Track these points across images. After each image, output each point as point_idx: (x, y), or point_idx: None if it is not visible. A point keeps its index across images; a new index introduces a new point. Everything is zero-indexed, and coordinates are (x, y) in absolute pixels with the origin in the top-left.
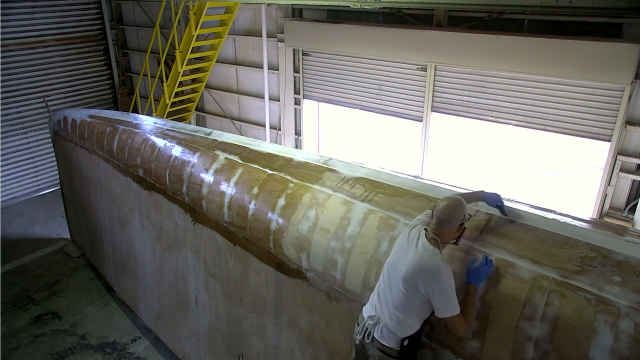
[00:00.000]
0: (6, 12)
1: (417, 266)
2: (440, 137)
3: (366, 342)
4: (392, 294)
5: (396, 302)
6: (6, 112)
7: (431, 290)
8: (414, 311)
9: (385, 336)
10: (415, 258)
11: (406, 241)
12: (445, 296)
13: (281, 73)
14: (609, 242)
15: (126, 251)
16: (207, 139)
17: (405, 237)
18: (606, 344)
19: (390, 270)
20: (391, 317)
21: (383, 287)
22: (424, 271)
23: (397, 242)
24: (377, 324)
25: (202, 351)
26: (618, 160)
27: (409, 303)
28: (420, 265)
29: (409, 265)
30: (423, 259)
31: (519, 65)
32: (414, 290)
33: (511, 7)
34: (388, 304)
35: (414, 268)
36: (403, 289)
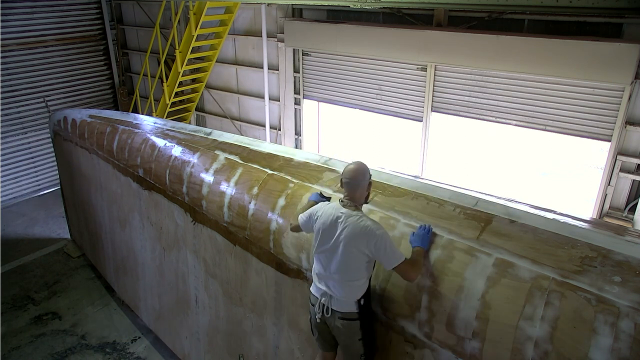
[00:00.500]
0: (6, 12)
1: (353, 232)
2: (440, 137)
3: (327, 318)
4: (335, 266)
5: (343, 271)
6: (6, 112)
7: (374, 248)
8: (361, 273)
9: (343, 305)
10: (348, 227)
11: (329, 218)
12: (387, 249)
13: (281, 73)
14: (609, 242)
15: (126, 251)
16: (207, 139)
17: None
18: (606, 344)
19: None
20: (342, 287)
21: (323, 263)
22: (361, 234)
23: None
24: (331, 299)
25: (202, 351)
26: (618, 160)
27: (355, 268)
28: (356, 231)
29: (345, 235)
30: (355, 224)
31: (519, 65)
32: (358, 254)
33: (511, 7)
34: (334, 276)
35: (351, 235)
36: (346, 258)
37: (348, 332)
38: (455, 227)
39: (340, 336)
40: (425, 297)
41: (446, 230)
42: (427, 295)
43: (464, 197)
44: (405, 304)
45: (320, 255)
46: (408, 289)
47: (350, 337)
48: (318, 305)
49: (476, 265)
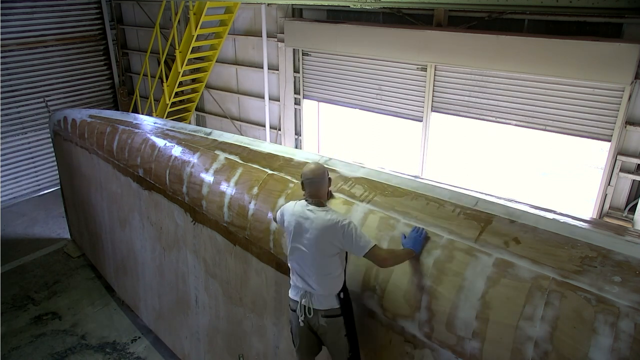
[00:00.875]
0: (6, 12)
1: (323, 228)
2: (440, 137)
3: (310, 319)
4: (310, 264)
5: (319, 267)
6: (6, 112)
7: (344, 240)
8: (336, 266)
9: (324, 301)
10: (316, 223)
11: (296, 218)
12: (355, 237)
13: (281, 73)
14: (609, 242)
15: (126, 251)
16: (207, 139)
17: (293, 216)
18: (606, 344)
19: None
20: (320, 283)
21: (299, 268)
22: (330, 228)
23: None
24: (311, 298)
25: (202, 351)
26: (618, 160)
27: (330, 261)
28: (325, 225)
29: (315, 231)
30: (323, 219)
31: (519, 65)
32: (330, 248)
33: (511, 7)
34: (310, 275)
35: (321, 230)
36: (320, 254)
37: (333, 329)
38: (455, 227)
39: (326, 334)
40: (425, 297)
41: (446, 230)
42: (427, 295)
43: (464, 197)
44: (405, 304)
45: (295, 254)
46: (408, 289)
47: (336, 334)
48: (299, 308)
49: (476, 265)
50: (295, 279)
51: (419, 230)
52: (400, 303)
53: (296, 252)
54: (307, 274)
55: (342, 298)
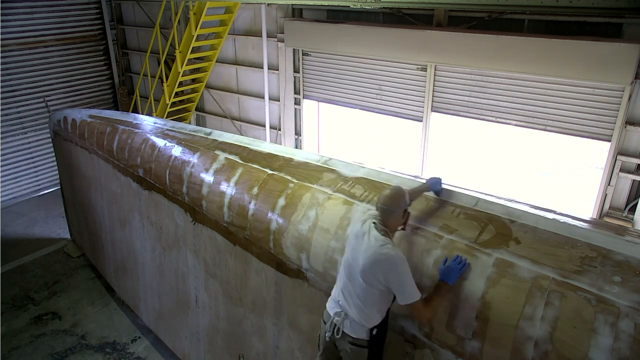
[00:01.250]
0: (6, 12)
1: (372, 258)
2: (440, 137)
3: (336, 338)
4: (354, 288)
5: (359, 295)
6: (6, 112)
7: (389, 279)
8: (376, 301)
9: (355, 329)
10: (369, 250)
11: (360, 236)
12: (403, 284)
13: (281, 73)
14: (609, 242)
15: (126, 251)
16: (207, 139)
17: (357, 232)
18: (606, 344)
19: (348, 265)
20: (357, 309)
21: (344, 282)
22: (379, 262)
23: (350, 238)
24: (344, 319)
25: (202, 351)
26: (618, 160)
27: (371, 294)
28: (375, 257)
29: (364, 258)
30: (377, 250)
31: (519, 65)
32: (373, 281)
33: (511, 7)
34: (352, 297)
35: (369, 260)
36: (363, 281)
37: (355, 358)
38: (455, 227)
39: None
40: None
41: (446, 230)
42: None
43: (464, 197)
44: None
45: (346, 269)
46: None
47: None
48: (330, 324)
49: (476, 265)
50: (337, 294)
51: (461, 261)
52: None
53: (347, 268)
54: (349, 296)
55: (374, 335)
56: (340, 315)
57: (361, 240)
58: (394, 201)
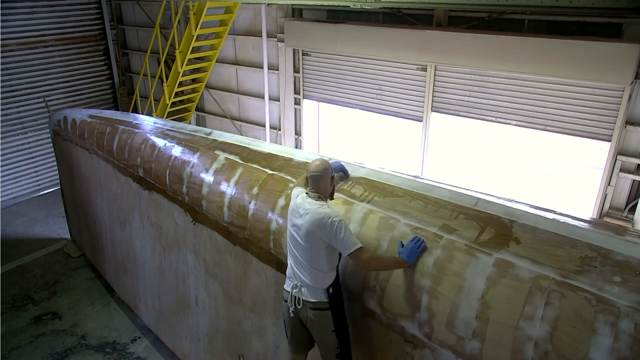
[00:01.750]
0: (6, 12)
1: (311, 219)
2: (440, 137)
3: (299, 309)
4: (301, 255)
5: (308, 259)
6: (6, 112)
7: (329, 235)
8: (324, 260)
9: (313, 293)
10: (307, 214)
11: (295, 207)
12: (342, 236)
13: (281, 73)
14: (609, 242)
15: (126, 251)
16: (207, 139)
17: (293, 205)
18: (606, 344)
19: (292, 238)
20: (310, 274)
21: (292, 255)
22: (317, 220)
23: (288, 213)
24: (301, 288)
25: (202, 351)
26: (618, 160)
27: (318, 254)
28: (313, 217)
29: (304, 222)
30: (314, 211)
31: (519, 65)
32: (316, 240)
33: (511, 7)
34: (302, 266)
35: (309, 222)
36: (307, 244)
37: (321, 323)
38: (455, 227)
39: (314, 328)
40: (425, 297)
41: (446, 231)
42: (427, 295)
43: (464, 197)
44: (405, 304)
45: (291, 243)
46: (408, 289)
47: (324, 329)
48: (290, 299)
49: (476, 265)
50: (290, 270)
51: (418, 241)
52: (400, 303)
53: (292, 242)
54: (300, 265)
55: (331, 293)
56: (297, 286)
57: (298, 210)
58: (321, 167)
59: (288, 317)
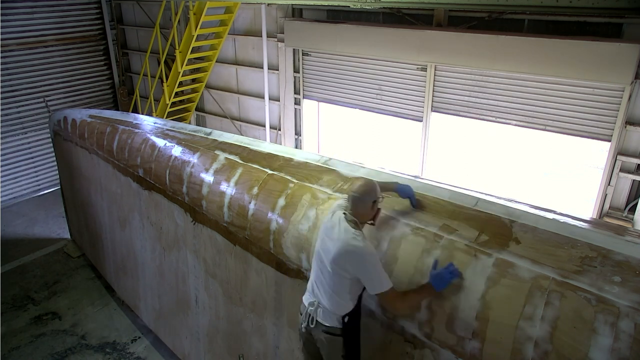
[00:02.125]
0: (6, 12)
1: (342, 249)
2: (440, 137)
3: (311, 328)
4: (324, 276)
5: (329, 284)
6: (6, 112)
7: (358, 270)
8: (346, 289)
9: (327, 317)
10: (339, 241)
11: (330, 227)
12: (372, 275)
13: (281, 73)
14: (609, 242)
15: (126, 251)
16: (207, 139)
17: (328, 222)
18: (606, 344)
19: (319, 255)
20: (328, 298)
21: (316, 272)
22: (348, 253)
23: (321, 229)
24: (317, 308)
25: (202, 351)
26: (618, 160)
27: (341, 283)
28: (344, 248)
29: (335, 248)
30: (346, 241)
31: (519, 65)
32: (342, 271)
33: (511, 7)
34: (323, 286)
35: (339, 251)
36: (332, 270)
37: (331, 347)
38: (455, 227)
39: (324, 350)
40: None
41: (446, 230)
42: None
43: (464, 197)
44: None
45: (317, 261)
46: (408, 289)
47: (334, 353)
48: (305, 315)
49: (476, 265)
50: (310, 285)
51: (454, 270)
52: None
53: (317, 260)
54: (321, 286)
55: (346, 322)
56: (313, 304)
57: (331, 231)
58: (365, 190)
59: (300, 330)
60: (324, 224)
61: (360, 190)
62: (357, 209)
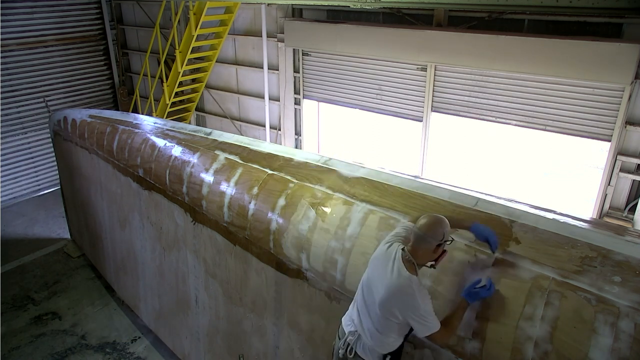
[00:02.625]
0: (6, 12)
1: (392, 293)
2: (440, 137)
3: (348, 357)
4: (369, 314)
5: (375, 323)
6: (6, 112)
7: (408, 316)
8: (392, 331)
9: (368, 353)
10: (391, 284)
11: (383, 260)
12: (423, 321)
13: (281, 73)
14: (609, 242)
15: (126, 251)
16: (207, 139)
17: (382, 255)
18: (606, 344)
19: (367, 288)
20: (371, 335)
21: (361, 304)
22: (399, 298)
23: (373, 258)
24: (358, 340)
25: (202, 351)
26: (618, 160)
27: (387, 325)
28: (395, 293)
29: (384, 290)
30: (399, 286)
31: (519, 65)
32: (390, 314)
33: (511, 7)
34: (367, 322)
35: (389, 294)
36: (380, 312)
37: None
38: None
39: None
40: None
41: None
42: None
43: (464, 197)
44: None
45: (365, 291)
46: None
47: None
48: (344, 342)
49: (476, 265)
50: (354, 312)
51: (491, 286)
52: None
53: (366, 290)
54: (365, 318)
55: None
56: (354, 335)
57: (384, 267)
58: (430, 229)
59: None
60: (377, 253)
61: (426, 229)
62: (418, 248)
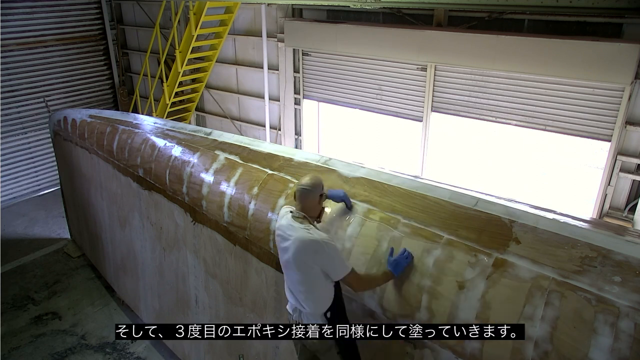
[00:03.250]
0: (6, 12)
1: (297, 247)
2: (440, 137)
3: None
4: (293, 280)
5: (300, 283)
6: (6, 112)
7: (319, 261)
8: (317, 284)
9: (312, 320)
10: (295, 239)
11: (281, 230)
12: (333, 262)
13: (281, 73)
14: (609, 242)
15: (126, 251)
16: (207, 139)
17: (279, 228)
18: (606, 344)
19: (283, 263)
20: (305, 299)
21: (287, 280)
22: (305, 248)
23: (275, 236)
24: (300, 313)
25: (202, 351)
26: (618, 160)
27: (310, 279)
28: (300, 244)
29: (292, 247)
30: (300, 237)
31: (519, 65)
32: (306, 267)
33: (511, 7)
34: (296, 290)
35: (297, 248)
36: (297, 269)
37: (323, 347)
38: (455, 227)
39: (318, 352)
40: (425, 297)
41: (446, 231)
42: (427, 295)
43: (464, 197)
44: (406, 304)
45: (283, 266)
46: (408, 289)
47: (328, 352)
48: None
49: (476, 265)
50: (287, 293)
51: (408, 255)
52: (400, 303)
53: (283, 265)
54: (294, 290)
55: (329, 317)
56: (296, 311)
57: (284, 234)
58: (313, 182)
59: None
60: (275, 230)
61: (309, 183)
62: (306, 202)
